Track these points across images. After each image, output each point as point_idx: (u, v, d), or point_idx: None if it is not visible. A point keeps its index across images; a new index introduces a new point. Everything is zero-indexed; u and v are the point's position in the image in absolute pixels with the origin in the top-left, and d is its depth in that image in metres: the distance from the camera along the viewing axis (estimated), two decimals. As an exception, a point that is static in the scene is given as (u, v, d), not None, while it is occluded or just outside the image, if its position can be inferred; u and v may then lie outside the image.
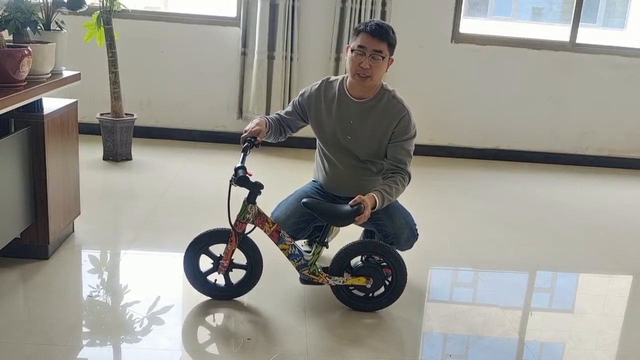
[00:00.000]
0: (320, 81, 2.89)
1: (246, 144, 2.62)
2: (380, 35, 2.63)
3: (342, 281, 2.66)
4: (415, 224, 2.86)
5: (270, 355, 2.38)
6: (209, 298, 2.73)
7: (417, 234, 2.86)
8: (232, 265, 2.69)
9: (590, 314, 3.00)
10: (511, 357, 2.59)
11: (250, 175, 2.51)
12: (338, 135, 2.81)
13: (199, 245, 2.68)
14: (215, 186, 4.24)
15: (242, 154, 2.59)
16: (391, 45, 2.68)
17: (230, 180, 2.51)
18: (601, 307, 3.12)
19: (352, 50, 2.68)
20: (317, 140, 2.95)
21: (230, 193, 2.51)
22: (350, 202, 2.55)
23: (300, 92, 2.91)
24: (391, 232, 2.76)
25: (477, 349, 2.62)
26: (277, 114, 2.91)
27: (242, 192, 2.55)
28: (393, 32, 2.70)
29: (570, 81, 5.54)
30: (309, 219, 2.79)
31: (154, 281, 2.90)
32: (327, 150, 2.89)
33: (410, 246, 2.86)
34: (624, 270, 3.58)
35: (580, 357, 2.63)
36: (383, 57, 2.65)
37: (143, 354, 2.35)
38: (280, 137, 2.90)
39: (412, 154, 2.80)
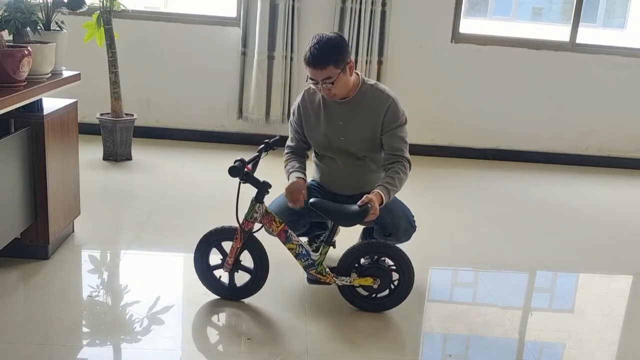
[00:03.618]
0: (301, 93, 2.92)
1: (262, 145, 2.66)
2: (320, 64, 2.61)
3: (349, 281, 2.65)
4: (413, 216, 2.87)
5: (271, 355, 2.37)
6: (210, 298, 2.73)
7: (415, 226, 2.87)
8: (239, 267, 2.70)
9: (590, 314, 3.00)
10: (511, 357, 2.59)
11: (249, 170, 2.52)
12: (331, 139, 2.83)
13: (211, 239, 2.71)
14: (216, 186, 4.25)
15: (257, 154, 2.62)
16: (338, 62, 2.63)
17: (241, 178, 2.52)
18: (601, 307, 3.12)
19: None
20: (313, 147, 2.96)
21: (240, 190, 2.52)
22: (358, 203, 2.55)
23: (292, 112, 2.96)
24: (389, 223, 2.77)
25: (477, 349, 2.62)
26: (291, 154, 2.94)
27: (250, 194, 2.55)
28: (335, 47, 2.63)
29: (570, 81, 5.54)
30: (302, 212, 2.78)
31: (154, 281, 2.90)
32: (324, 153, 2.91)
33: (408, 237, 2.86)
34: (624, 270, 3.57)
35: (580, 357, 2.63)
36: (333, 82, 2.65)
37: (143, 354, 2.35)
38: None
39: (407, 140, 2.81)
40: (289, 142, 2.98)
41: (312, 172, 3.07)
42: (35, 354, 2.25)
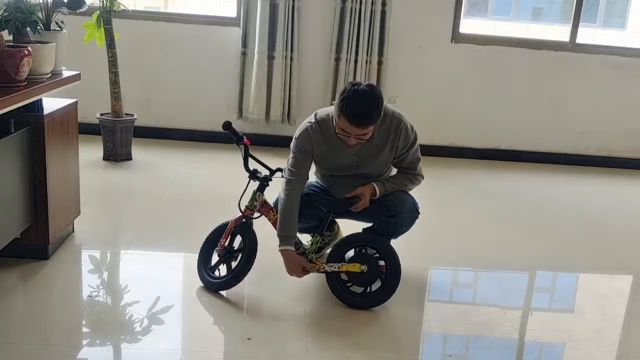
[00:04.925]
0: (309, 123, 2.76)
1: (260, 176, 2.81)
2: (364, 124, 2.55)
3: (337, 267, 2.73)
4: (417, 202, 2.88)
5: (271, 355, 2.38)
6: (209, 299, 2.74)
7: (419, 212, 2.87)
8: (232, 251, 2.79)
9: (590, 314, 3.00)
10: (511, 357, 2.59)
11: (249, 143, 2.79)
12: (344, 166, 2.82)
13: (213, 237, 2.86)
14: (216, 186, 4.25)
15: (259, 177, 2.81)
16: (378, 119, 2.60)
17: (249, 176, 2.78)
18: (601, 307, 3.12)
19: (337, 125, 2.62)
20: (320, 168, 2.93)
21: (248, 185, 2.77)
22: (347, 195, 2.76)
23: (297, 139, 2.77)
24: (394, 204, 2.80)
25: (477, 349, 2.62)
26: (294, 184, 2.72)
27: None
28: (379, 106, 2.57)
29: (570, 81, 5.54)
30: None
31: (154, 281, 2.90)
32: (333, 175, 2.91)
33: (411, 221, 2.87)
34: (624, 270, 3.57)
35: (580, 357, 2.63)
36: (368, 138, 2.63)
37: (143, 354, 2.35)
38: None
39: (419, 156, 2.86)
40: (292, 167, 2.75)
41: (314, 176, 3.05)
42: (35, 354, 2.25)
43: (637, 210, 4.62)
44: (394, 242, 2.89)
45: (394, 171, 2.94)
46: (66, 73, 3.09)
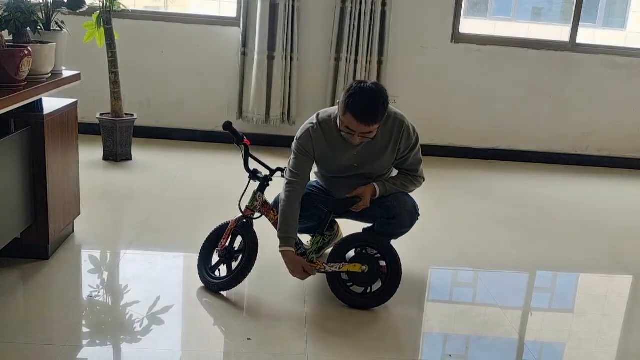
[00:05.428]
0: (311, 124, 2.75)
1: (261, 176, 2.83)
2: (371, 122, 2.55)
3: (338, 267, 2.72)
4: (417, 204, 2.88)
5: (271, 355, 2.38)
6: (209, 299, 2.74)
7: (419, 213, 2.87)
8: (232, 252, 2.79)
9: (590, 314, 3.00)
10: (511, 357, 2.60)
11: (249, 143, 2.80)
12: (345, 167, 2.82)
13: (214, 237, 2.88)
14: (215, 186, 4.25)
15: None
16: (383, 117, 2.61)
17: (249, 176, 2.80)
18: (601, 307, 3.12)
19: (341, 122, 2.61)
20: (321, 169, 2.93)
21: (249, 185, 2.79)
22: (347, 195, 2.75)
23: (298, 140, 2.76)
24: (394, 205, 2.80)
25: (477, 349, 2.62)
26: (294, 186, 2.72)
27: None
28: (384, 103, 2.57)
29: (570, 81, 5.54)
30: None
31: (154, 281, 2.90)
32: (333, 176, 2.91)
33: (412, 222, 2.87)
34: (624, 270, 3.58)
35: (580, 357, 2.63)
36: (373, 137, 2.63)
37: (143, 354, 2.35)
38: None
39: (421, 158, 2.87)
40: (293, 168, 2.74)
41: (314, 174, 3.06)
42: (35, 354, 2.25)
43: (637, 210, 4.62)
44: (394, 242, 2.89)
45: (395, 172, 2.94)
46: (66, 73, 3.09)
